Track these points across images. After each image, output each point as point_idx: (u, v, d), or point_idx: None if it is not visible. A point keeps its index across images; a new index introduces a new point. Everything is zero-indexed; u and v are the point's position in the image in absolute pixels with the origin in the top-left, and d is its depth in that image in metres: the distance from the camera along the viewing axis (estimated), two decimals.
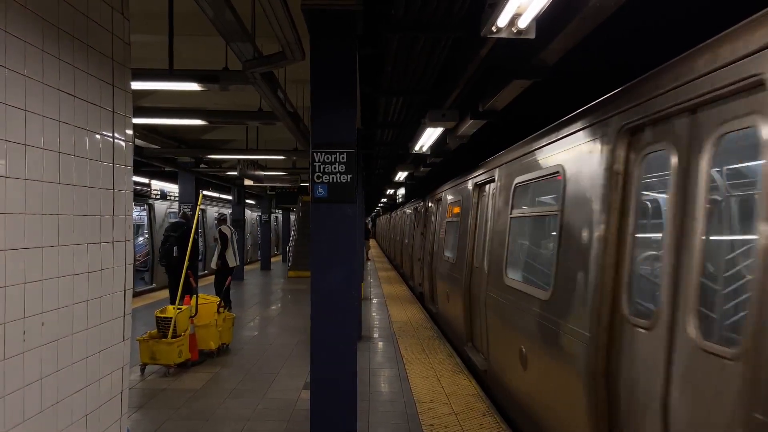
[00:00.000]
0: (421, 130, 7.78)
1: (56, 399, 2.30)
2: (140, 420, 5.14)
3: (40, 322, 2.19)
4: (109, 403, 2.74)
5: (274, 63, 4.38)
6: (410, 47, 5.40)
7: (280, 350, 7.93)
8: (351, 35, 4.07)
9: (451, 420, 5.11)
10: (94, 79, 2.59)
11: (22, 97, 2.08)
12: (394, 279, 18.39)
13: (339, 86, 4.05)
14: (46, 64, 2.22)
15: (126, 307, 2.91)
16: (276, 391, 6.02)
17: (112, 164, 2.75)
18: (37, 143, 2.17)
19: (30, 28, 2.13)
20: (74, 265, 2.42)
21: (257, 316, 11.11)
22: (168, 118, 7.55)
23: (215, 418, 5.19)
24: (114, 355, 2.79)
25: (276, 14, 3.54)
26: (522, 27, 3.26)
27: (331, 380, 4.07)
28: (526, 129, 6.06)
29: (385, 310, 11.47)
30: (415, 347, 8.07)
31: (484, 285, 6.22)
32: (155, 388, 6.08)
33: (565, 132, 4.19)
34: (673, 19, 6.68)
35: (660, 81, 2.90)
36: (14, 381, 2.04)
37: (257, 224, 25.20)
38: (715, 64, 2.46)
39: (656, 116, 2.89)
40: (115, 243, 2.78)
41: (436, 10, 4.47)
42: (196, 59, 6.39)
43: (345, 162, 4.00)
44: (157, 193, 15.48)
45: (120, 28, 2.83)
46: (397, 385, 6.19)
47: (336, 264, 4.07)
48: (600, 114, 3.57)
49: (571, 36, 3.89)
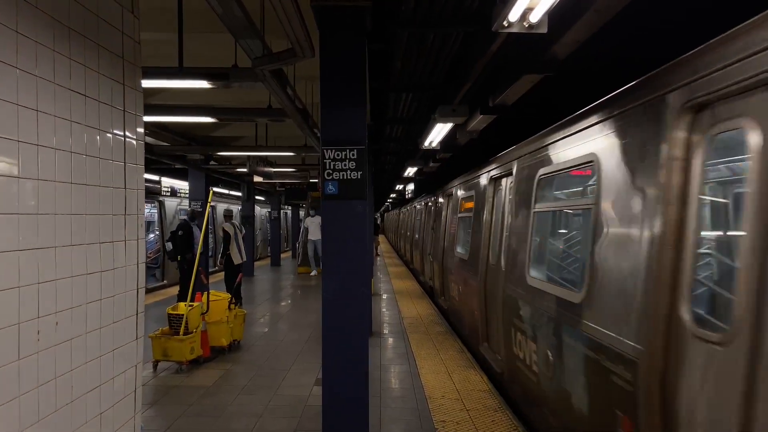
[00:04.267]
0: (430, 126, 7.75)
1: (71, 398, 2.31)
2: (153, 417, 5.17)
3: (54, 322, 2.20)
4: (122, 401, 2.75)
5: (284, 60, 4.36)
6: (420, 43, 5.36)
7: (290, 346, 7.95)
8: (360, 32, 4.05)
9: (462, 416, 5.10)
10: (105, 78, 2.59)
11: (34, 98, 2.09)
12: (404, 274, 18.38)
13: (348, 83, 4.04)
14: (57, 64, 2.23)
15: (139, 305, 2.92)
16: (287, 387, 6.04)
17: (123, 163, 2.76)
18: (49, 143, 2.17)
19: (41, 28, 2.13)
20: (87, 264, 2.43)
21: (268, 312, 11.15)
22: (177, 115, 7.57)
23: (227, 414, 5.22)
24: (127, 354, 2.80)
25: (286, 11, 3.52)
26: (534, 21, 3.23)
27: (342, 377, 4.07)
28: (537, 123, 5.97)
29: (396, 306, 11.47)
30: (425, 343, 8.06)
31: (502, 284, 5.84)
32: (168, 385, 6.12)
33: (600, 117, 3.64)
34: (693, 9, 6.60)
35: (737, 46, 2.40)
36: (29, 381, 2.05)
37: (266, 220, 25.26)
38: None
39: (733, 88, 2.39)
40: (127, 242, 2.78)
41: (446, 5, 4.43)
42: (205, 56, 6.39)
43: (355, 159, 3.99)
44: (168, 190, 15.55)
45: (130, 27, 2.83)
46: (409, 381, 6.19)
47: (347, 261, 4.07)
48: (649, 91, 3.07)
49: (584, 29, 3.85)
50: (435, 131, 7.89)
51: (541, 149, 4.95)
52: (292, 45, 4.08)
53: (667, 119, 2.81)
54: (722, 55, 2.48)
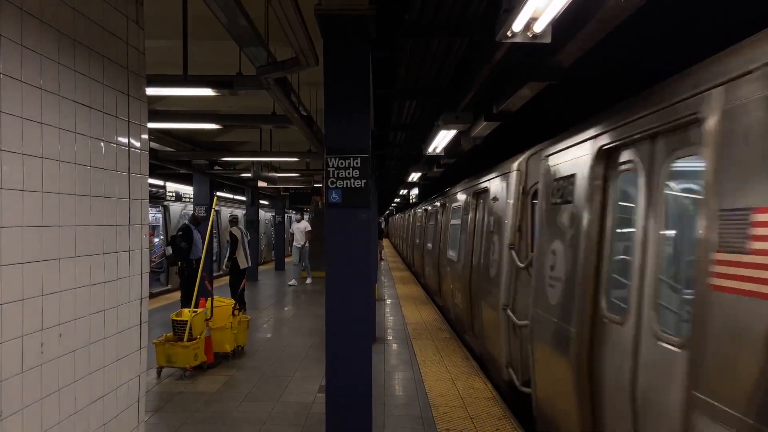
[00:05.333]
0: (434, 133, 7.75)
1: (74, 409, 2.31)
2: (157, 423, 5.17)
3: (58, 334, 2.20)
4: (126, 411, 2.75)
5: (288, 69, 4.37)
6: (424, 50, 5.37)
7: (294, 352, 7.94)
8: (364, 40, 4.05)
9: (467, 424, 5.08)
10: (110, 89, 2.60)
11: (38, 110, 2.10)
12: (408, 279, 18.35)
13: (352, 91, 4.03)
14: (62, 77, 2.23)
15: (142, 315, 2.92)
16: (291, 394, 6.03)
17: (128, 173, 2.76)
18: (53, 155, 2.18)
19: (46, 40, 2.14)
20: (91, 275, 2.43)
21: (271, 317, 11.14)
22: (182, 122, 7.59)
23: (231, 421, 5.21)
24: (131, 364, 2.80)
25: (289, 20, 3.53)
26: (537, 31, 3.22)
27: (346, 385, 4.05)
28: (542, 127, 5.99)
29: (399, 311, 11.45)
30: (429, 349, 8.04)
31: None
32: (171, 391, 6.12)
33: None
34: (696, 20, 6.63)
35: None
36: (32, 393, 2.05)
37: (271, 225, 25.27)
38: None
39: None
40: (131, 252, 2.79)
41: (451, 14, 4.44)
42: (210, 63, 6.40)
43: (359, 167, 3.98)
44: (172, 194, 15.58)
45: (135, 38, 2.84)
46: (413, 388, 6.17)
47: (350, 269, 4.06)
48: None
49: (588, 39, 3.84)
50: (439, 138, 7.89)
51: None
52: (296, 54, 4.10)
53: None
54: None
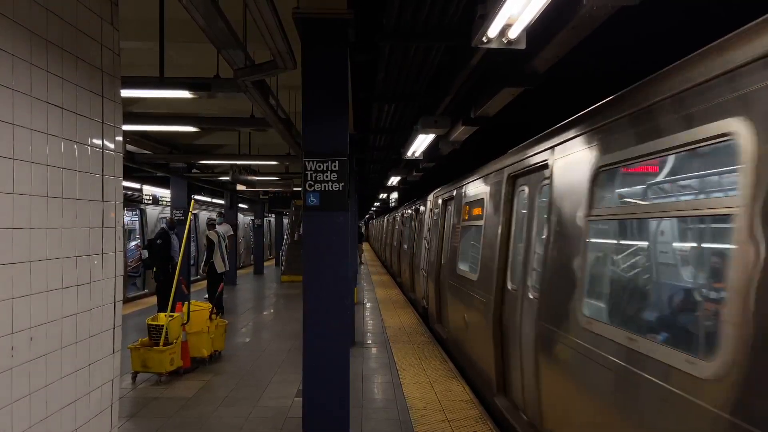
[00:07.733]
0: (413, 137, 7.78)
1: (45, 414, 2.28)
2: (132, 429, 5.10)
3: (29, 337, 2.17)
4: (99, 416, 2.72)
5: (266, 72, 4.36)
6: (403, 55, 5.39)
7: (272, 356, 7.89)
8: (343, 43, 4.06)
9: (444, 427, 5.10)
10: (83, 90, 2.58)
11: (10, 111, 2.07)
12: (388, 283, 18.37)
13: (331, 95, 4.04)
14: (34, 77, 2.21)
15: (116, 319, 2.89)
16: (269, 398, 6.00)
17: (101, 175, 2.74)
18: (25, 157, 2.15)
19: (18, 40, 2.12)
20: (63, 278, 2.40)
21: (250, 321, 11.07)
22: (158, 125, 7.52)
23: (207, 426, 5.16)
24: (104, 368, 2.77)
25: (266, 22, 3.53)
26: (512, 37, 3.27)
27: (323, 388, 4.05)
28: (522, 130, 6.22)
29: (379, 315, 11.46)
30: (408, 353, 8.06)
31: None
32: (147, 397, 6.04)
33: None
34: (668, 25, 6.80)
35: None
36: (2, 397, 2.02)
37: (250, 228, 25.10)
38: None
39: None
40: (104, 255, 2.76)
41: (428, 20, 4.47)
42: (187, 65, 6.36)
43: (337, 170, 3.99)
44: (149, 198, 15.38)
45: (109, 39, 2.82)
46: (391, 392, 6.18)
47: (328, 273, 4.05)
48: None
49: (562, 45, 3.91)
50: (418, 142, 7.93)
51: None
52: (273, 57, 4.09)
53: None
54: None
